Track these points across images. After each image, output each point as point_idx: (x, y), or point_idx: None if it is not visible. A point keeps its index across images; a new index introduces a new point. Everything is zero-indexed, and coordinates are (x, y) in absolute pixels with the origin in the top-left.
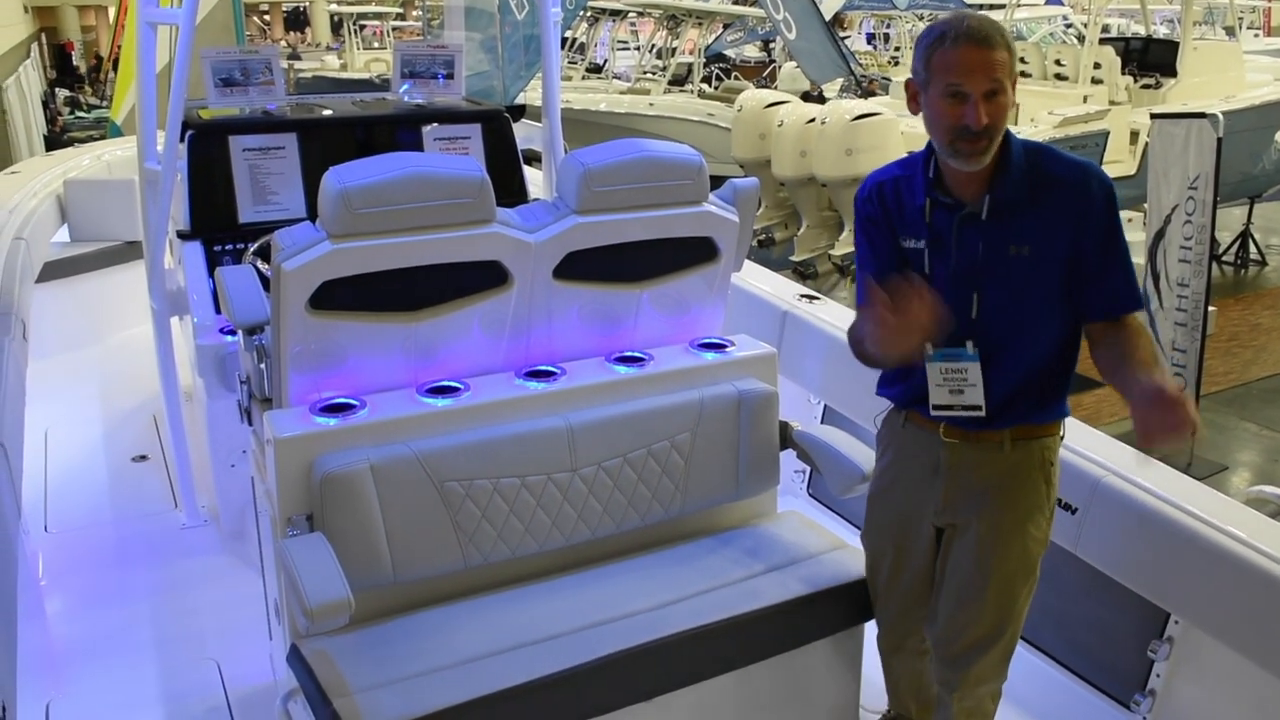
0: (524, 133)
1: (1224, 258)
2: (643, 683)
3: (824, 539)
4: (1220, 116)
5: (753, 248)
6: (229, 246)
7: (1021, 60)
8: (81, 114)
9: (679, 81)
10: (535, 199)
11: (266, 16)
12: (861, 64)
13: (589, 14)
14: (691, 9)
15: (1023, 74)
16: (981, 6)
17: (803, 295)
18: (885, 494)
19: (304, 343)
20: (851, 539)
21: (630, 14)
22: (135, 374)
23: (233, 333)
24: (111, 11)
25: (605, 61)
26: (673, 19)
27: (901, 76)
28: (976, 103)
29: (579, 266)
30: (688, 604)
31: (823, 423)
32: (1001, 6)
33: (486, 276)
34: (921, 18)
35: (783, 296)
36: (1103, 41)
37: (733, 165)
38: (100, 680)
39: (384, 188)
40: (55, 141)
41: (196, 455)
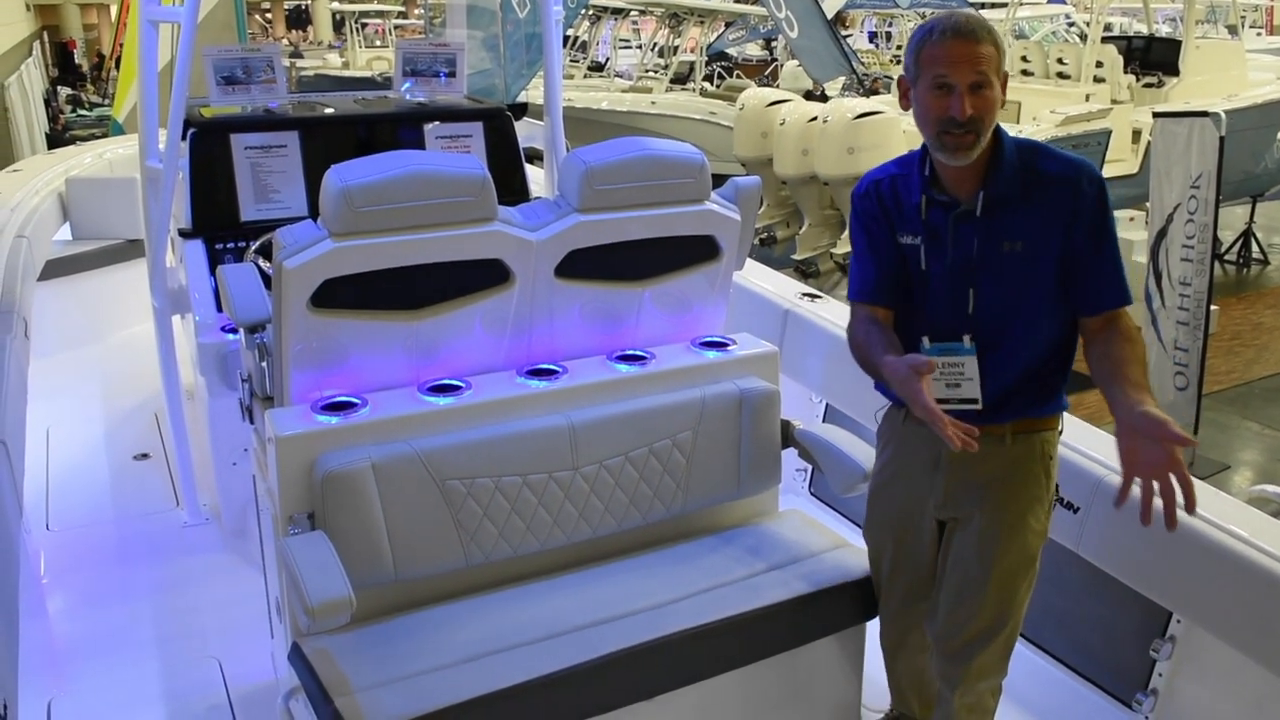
0: (526, 131)
1: (1226, 256)
2: (644, 681)
3: (825, 538)
4: (1223, 115)
5: (754, 246)
6: (230, 245)
7: (1024, 59)
8: (83, 112)
9: (681, 80)
10: (537, 197)
11: (268, 14)
12: (864, 62)
13: (591, 12)
14: (694, 7)
15: (1025, 72)
16: (984, 5)
17: (804, 294)
18: (885, 489)
19: (305, 341)
20: (853, 538)
21: (632, 12)
22: (137, 372)
23: (234, 331)
24: (114, 9)
25: (607, 60)
26: (675, 17)
27: None
28: (961, 94)
29: (581, 265)
30: (689, 603)
31: (824, 421)
32: (1004, 5)
33: (488, 275)
34: (924, 16)
35: (784, 295)
36: (1105, 40)
37: (735, 164)
38: (102, 678)
39: (386, 186)
40: (57, 139)
41: (198, 453)
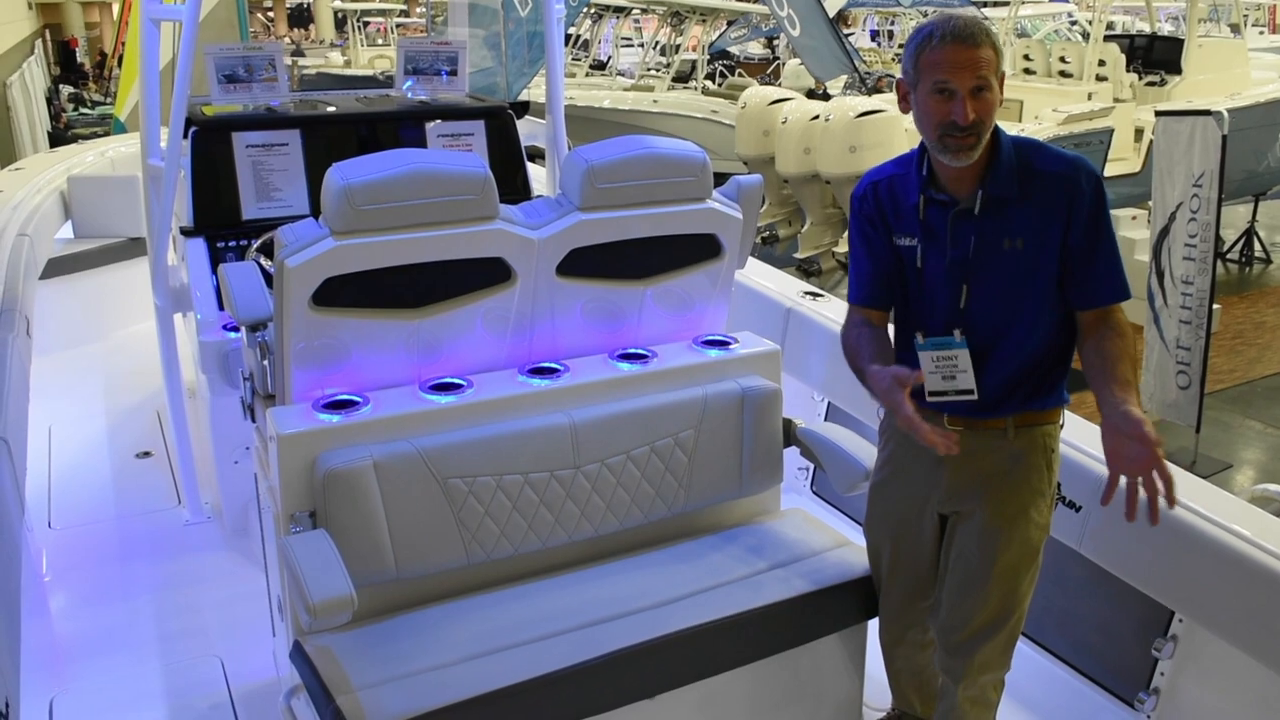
0: (527, 129)
1: (1229, 255)
2: (646, 680)
3: (827, 536)
4: (1225, 114)
5: (756, 245)
6: (232, 243)
7: (1026, 57)
8: (85, 110)
9: (683, 78)
10: (539, 195)
11: (270, 13)
12: (865, 61)
13: (592, 11)
14: (695, 5)
15: (1027, 71)
16: (987, 3)
17: (806, 292)
18: (887, 484)
19: (307, 339)
20: (855, 536)
21: (634, 11)
22: (139, 370)
23: (236, 329)
24: (115, 8)
25: (609, 58)
26: (676, 16)
27: None
28: (964, 99)
29: (582, 263)
30: (691, 601)
31: (826, 420)
32: (1007, 3)
33: (490, 273)
34: (925, 14)
35: (786, 294)
36: (1107, 39)
37: (736, 162)
38: (103, 676)
39: (387, 184)
40: (59, 138)
41: (200, 452)
